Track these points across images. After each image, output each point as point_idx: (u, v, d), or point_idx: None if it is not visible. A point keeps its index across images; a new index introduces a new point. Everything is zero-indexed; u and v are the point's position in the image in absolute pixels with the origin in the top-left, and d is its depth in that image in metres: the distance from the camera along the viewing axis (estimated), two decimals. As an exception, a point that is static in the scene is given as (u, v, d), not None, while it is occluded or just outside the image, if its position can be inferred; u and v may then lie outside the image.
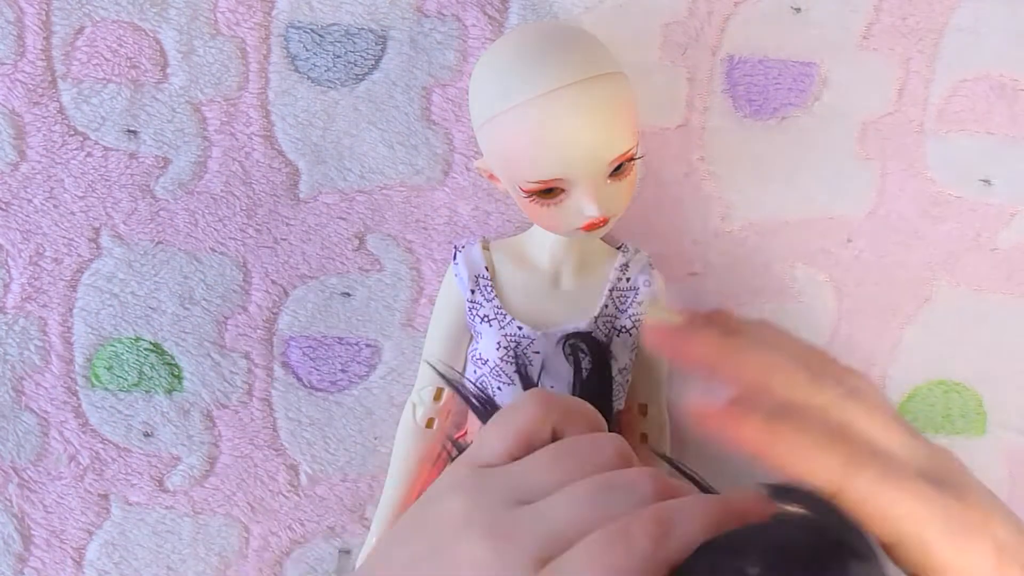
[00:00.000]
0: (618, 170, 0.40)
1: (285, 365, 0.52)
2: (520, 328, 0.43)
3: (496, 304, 0.43)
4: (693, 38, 0.49)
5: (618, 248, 0.45)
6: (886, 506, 0.33)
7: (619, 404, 0.45)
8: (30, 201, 0.49)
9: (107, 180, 0.49)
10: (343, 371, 0.52)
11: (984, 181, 0.51)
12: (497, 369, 0.44)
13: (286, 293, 0.51)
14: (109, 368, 0.51)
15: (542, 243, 0.44)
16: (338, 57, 0.49)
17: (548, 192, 0.40)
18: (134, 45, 0.48)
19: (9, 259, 0.50)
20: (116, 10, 0.48)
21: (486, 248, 0.45)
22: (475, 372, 0.45)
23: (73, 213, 0.50)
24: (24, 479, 0.52)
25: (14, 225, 0.50)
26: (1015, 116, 0.50)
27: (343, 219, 0.50)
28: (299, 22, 0.48)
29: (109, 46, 0.48)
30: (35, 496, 0.52)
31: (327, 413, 0.52)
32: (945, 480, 0.34)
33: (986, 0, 0.49)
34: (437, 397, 0.47)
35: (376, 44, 0.49)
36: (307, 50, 0.49)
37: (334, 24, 0.48)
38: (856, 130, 0.50)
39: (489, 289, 0.44)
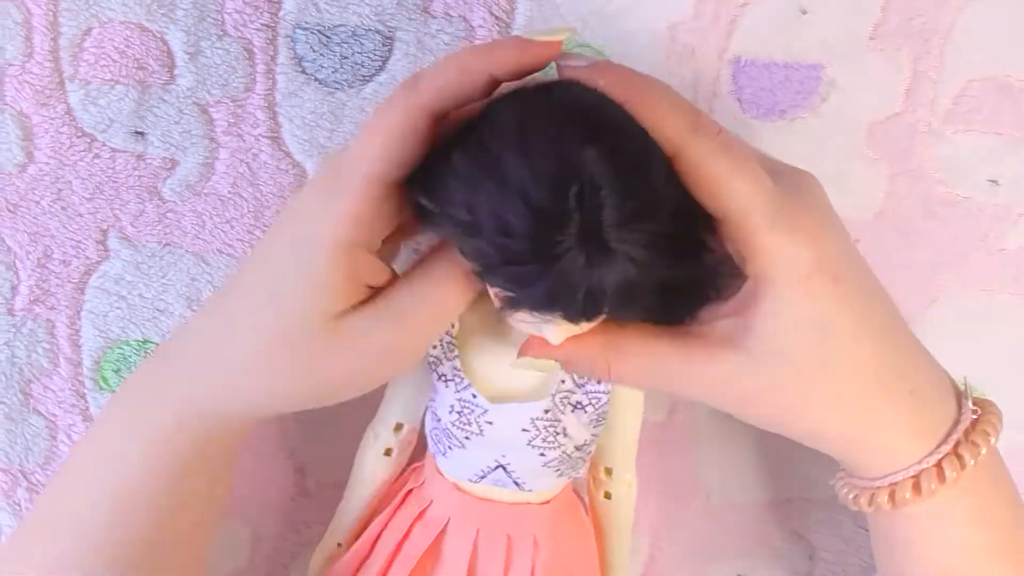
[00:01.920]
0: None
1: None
2: (475, 396, 0.41)
3: (455, 365, 0.42)
4: (700, 40, 0.49)
5: None
6: (719, 177, 0.36)
7: (577, 475, 0.45)
8: (38, 203, 0.49)
9: (115, 182, 0.49)
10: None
11: (992, 182, 0.51)
12: (448, 432, 0.42)
13: (292, 295, 0.51)
14: (117, 371, 0.51)
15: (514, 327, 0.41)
16: (345, 58, 0.49)
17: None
18: (141, 46, 0.48)
19: (17, 261, 0.50)
20: (123, 11, 0.48)
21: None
22: (430, 422, 0.44)
23: (81, 215, 0.50)
24: (33, 483, 0.52)
25: (22, 227, 0.50)
26: (1023, 117, 0.50)
27: (350, 221, 0.50)
28: (306, 23, 0.48)
29: (117, 47, 0.48)
30: (42, 498, 0.52)
31: (335, 416, 0.52)
32: (787, 181, 0.38)
33: (994, 1, 0.49)
34: (397, 429, 0.47)
35: (383, 45, 0.49)
36: (314, 51, 0.49)
37: (341, 25, 0.48)
38: (863, 131, 0.50)
39: (451, 348, 0.42)
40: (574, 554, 0.46)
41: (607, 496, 0.47)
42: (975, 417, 0.41)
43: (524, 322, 0.37)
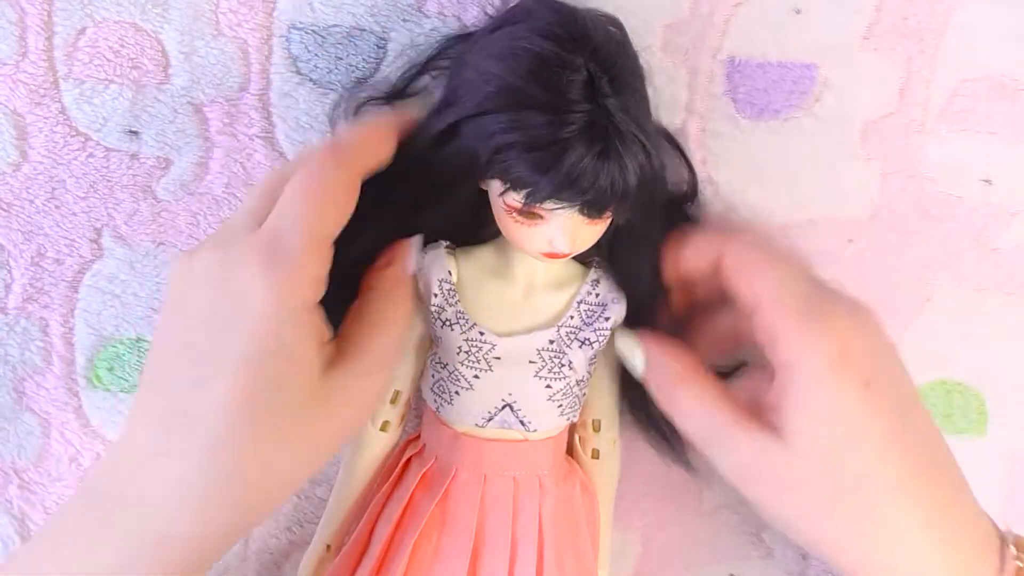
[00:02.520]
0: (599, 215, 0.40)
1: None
2: (482, 333, 0.43)
3: (459, 309, 0.43)
4: (695, 39, 0.49)
5: (589, 265, 0.45)
6: (754, 264, 0.41)
7: (573, 416, 0.46)
8: (32, 202, 0.49)
9: (109, 181, 0.49)
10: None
11: (985, 181, 0.51)
12: (456, 374, 0.44)
13: (287, 295, 0.51)
14: (111, 369, 0.51)
15: (515, 257, 0.44)
16: (339, 59, 0.49)
17: (528, 214, 0.40)
18: (136, 46, 0.48)
19: (10, 260, 0.50)
20: (118, 10, 0.48)
21: (451, 253, 0.44)
22: (433, 376, 0.45)
23: (75, 214, 0.50)
24: (25, 480, 0.52)
25: (15, 226, 0.50)
26: (1016, 116, 0.50)
27: (344, 220, 0.50)
28: (301, 23, 0.48)
29: (111, 47, 0.48)
30: (35, 497, 0.52)
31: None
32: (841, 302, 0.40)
33: (987, 1, 0.49)
34: (393, 400, 0.47)
35: (377, 46, 0.49)
36: (309, 51, 0.49)
37: (335, 25, 0.48)
38: (857, 131, 0.50)
39: (452, 294, 0.43)
40: (574, 500, 0.47)
41: (595, 455, 0.48)
42: (1021, 566, 0.38)
43: (534, 235, 0.40)
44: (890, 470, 0.37)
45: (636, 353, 0.43)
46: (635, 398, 0.47)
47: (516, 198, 0.39)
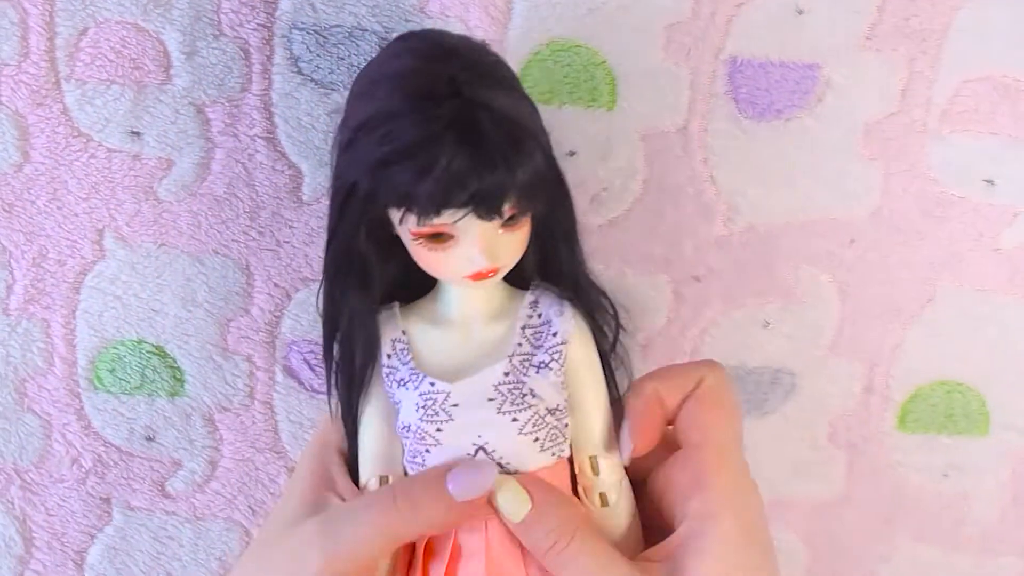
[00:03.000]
0: (511, 220, 0.38)
1: (287, 368, 0.52)
2: (432, 384, 0.41)
3: (411, 366, 0.42)
4: (697, 39, 0.49)
5: (527, 289, 0.43)
6: (714, 407, 0.42)
7: (561, 451, 0.42)
8: (33, 203, 0.49)
9: (110, 182, 0.49)
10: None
11: (987, 181, 0.51)
12: (420, 432, 0.41)
13: (288, 296, 0.51)
14: (112, 371, 0.51)
15: (449, 296, 0.42)
16: (341, 59, 0.49)
17: (436, 237, 0.38)
18: (137, 46, 0.48)
19: (12, 261, 0.50)
20: (120, 11, 0.48)
21: (403, 313, 0.43)
22: (404, 440, 0.43)
23: (76, 215, 0.50)
24: (26, 481, 0.52)
25: (17, 227, 0.50)
26: (1019, 117, 0.50)
27: (346, 221, 0.50)
28: (302, 23, 0.48)
29: (113, 47, 0.48)
30: (37, 499, 0.52)
31: (325, 414, 0.52)
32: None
33: (990, 1, 0.49)
34: (383, 483, 0.46)
35: (379, 46, 0.49)
36: (310, 51, 0.49)
37: (337, 25, 0.48)
38: (859, 131, 0.50)
39: (405, 352, 0.42)
40: None
41: (604, 502, 0.44)
42: None
43: (450, 259, 0.39)
44: None
45: (520, 496, 0.41)
46: None
47: (414, 221, 0.38)
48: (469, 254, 0.39)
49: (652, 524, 0.42)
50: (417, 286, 0.43)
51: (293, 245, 0.50)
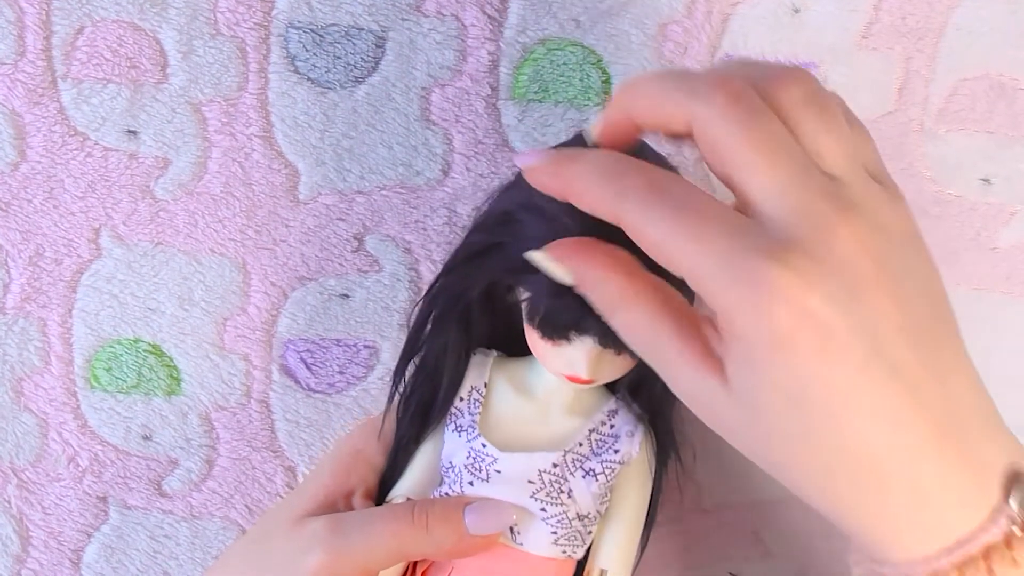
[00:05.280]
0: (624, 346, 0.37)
1: (283, 367, 0.52)
2: (484, 445, 0.41)
3: (474, 418, 0.42)
4: (693, 38, 0.49)
5: (615, 394, 0.43)
6: (660, 243, 0.31)
7: (574, 552, 0.42)
8: (30, 201, 0.49)
9: (107, 181, 0.49)
10: (341, 373, 0.52)
11: (984, 180, 0.51)
12: (460, 474, 0.42)
13: (285, 295, 0.51)
14: (108, 370, 0.51)
15: (542, 375, 0.42)
16: (338, 58, 0.49)
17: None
18: (134, 45, 0.48)
19: (9, 259, 0.50)
20: (116, 10, 0.48)
21: (496, 363, 0.43)
22: (442, 479, 0.43)
23: (73, 214, 0.50)
24: (23, 480, 0.52)
25: (14, 225, 0.50)
26: (1015, 116, 0.50)
27: (342, 220, 0.50)
28: (299, 22, 0.48)
29: (109, 46, 0.48)
30: (34, 497, 0.52)
31: (325, 414, 0.52)
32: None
33: (986, 0, 0.49)
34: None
35: (375, 45, 0.49)
36: (307, 50, 0.49)
37: (334, 24, 0.48)
38: (856, 130, 0.50)
39: (477, 404, 0.42)
40: None
41: None
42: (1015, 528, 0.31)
43: (556, 355, 0.39)
44: (846, 431, 0.31)
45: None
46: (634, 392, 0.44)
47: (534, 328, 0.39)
48: (573, 360, 0.39)
49: None
50: (522, 343, 0.42)
51: (290, 244, 0.50)
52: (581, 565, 0.43)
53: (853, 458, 0.31)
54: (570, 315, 0.37)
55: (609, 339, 0.37)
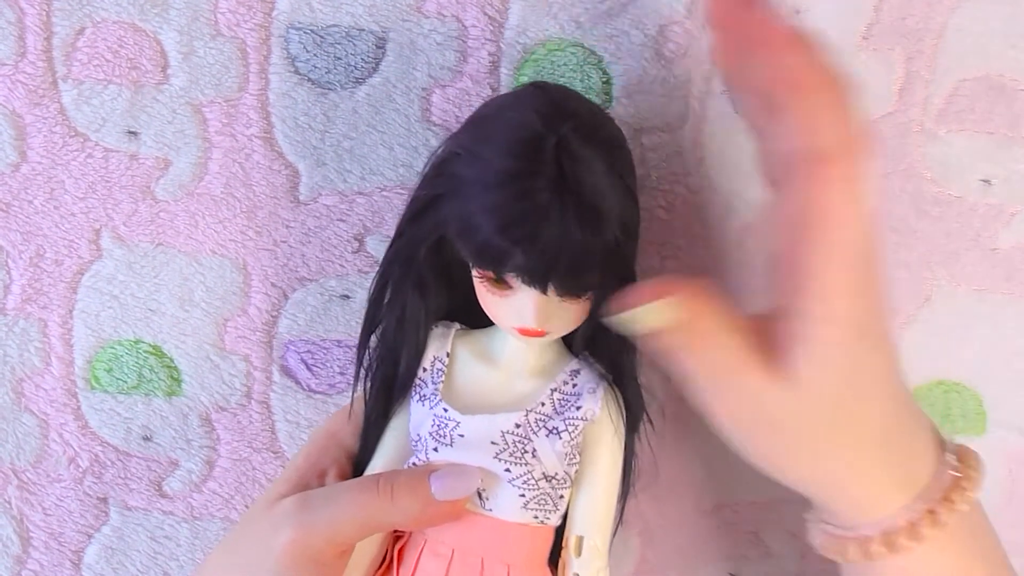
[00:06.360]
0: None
1: (284, 368, 0.52)
2: (446, 410, 0.42)
3: (436, 387, 0.43)
4: (692, 39, 0.49)
5: (577, 356, 0.44)
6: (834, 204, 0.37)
7: (547, 518, 0.42)
8: (31, 202, 0.49)
9: (108, 181, 0.49)
10: (342, 374, 0.52)
11: (984, 181, 0.51)
12: (425, 442, 0.42)
13: (286, 296, 0.51)
14: (109, 370, 0.51)
15: (502, 340, 0.43)
16: (338, 59, 0.49)
17: (497, 281, 0.40)
18: (135, 46, 0.48)
19: (9, 260, 0.50)
20: (117, 11, 0.48)
21: (459, 335, 0.44)
22: (412, 446, 0.44)
23: (74, 214, 0.50)
24: (23, 481, 0.52)
25: (14, 226, 0.50)
26: (1015, 116, 0.50)
27: (342, 221, 0.50)
28: (299, 23, 0.48)
29: (110, 47, 0.48)
30: (34, 498, 0.52)
31: (326, 415, 0.52)
32: None
33: (986, 1, 0.49)
34: None
35: (376, 46, 0.49)
36: (307, 51, 0.49)
37: (334, 25, 0.48)
38: (856, 130, 0.50)
39: (440, 373, 0.43)
40: None
41: None
42: (955, 473, 0.40)
43: (505, 307, 0.40)
44: (870, 413, 0.39)
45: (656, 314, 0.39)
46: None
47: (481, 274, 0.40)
48: (521, 309, 0.40)
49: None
50: (484, 317, 0.43)
51: (290, 245, 0.51)
52: (562, 535, 0.43)
53: (863, 432, 0.39)
54: (503, 240, 0.37)
55: (535, 283, 0.38)
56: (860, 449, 0.39)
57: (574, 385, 0.42)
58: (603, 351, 0.43)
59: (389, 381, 0.44)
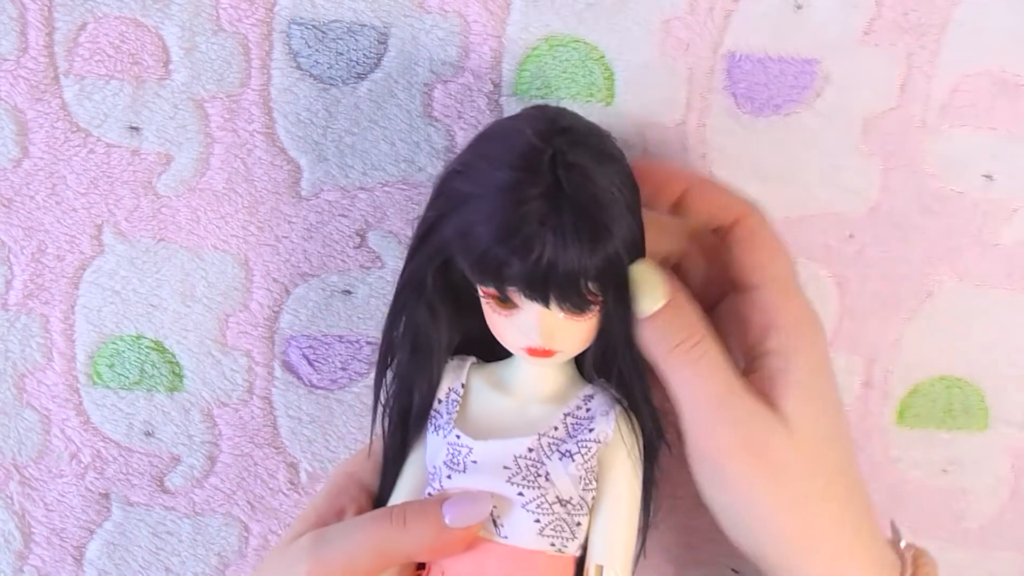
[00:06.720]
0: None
1: (285, 363, 0.52)
2: (459, 437, 0.42)
3: (451, 416, 0.42)
4: (695, 34, 0.49)
5: (592, 382, 0.43)
6: (771, 243, 0.42)
7: (565, 546, 0.41)
8: (32, 198, 0.49)
9: (109, 177, 0.49)
10: (343, 369, 0.52)
11: (986, 177, 0.51)
12: (439, 471, 0.42)
13: (287, 291, 0.51)
14: (111, 366, 0.51)
15: (516, 368, 0.43)
16: (340, 54, 0.49)
17: (502, 300, 0.40)
18: (136, 41, 0.48)
19: (11, 256, 0.50)
20: (118, 6, 0.48)
21: (474, 368, 0.44)
22: (428, 478, 0.43)
23: (75, 210, 0.50)
24: (25, 476, 0.52)
25: (16, 222, 0.50)
26: (1017, 112, 0.50)
27: (344, 216, 0.50)
28: (301, 18, 0.48)
29: (111, 42, 0.48)
30: (36, 494, 0.52)
31: (327, 411, 0.52)
32: None
33: (988, -4, 0.49)
34: None
35: (378, 41, 0.49)
36: (309, 47, 0.49)
37: (336, 20, 0.48)
38: (858, 126, 0.50)
39: (454, 404, 0.43)
40: None
41: None
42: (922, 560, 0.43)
43: (511, 327, 0.40)
44: (841, 458, 0.41)
45: (657, 289, 0.40)
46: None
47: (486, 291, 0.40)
48: (526, 327, 0.40)
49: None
50: (500, 351, 0.43)
51: (292, 240, 0.51)
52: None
53: (856, 483, 0.42)
54: (500, 249, 0.37)
55: (537, 297, 0.38)
56: (848, 502, 0.41)
57: (588, 410, 0.42)
58: (613, 375, 0.43)
59: (405, 414, 0.44)
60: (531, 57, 0.49)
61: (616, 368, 0.42)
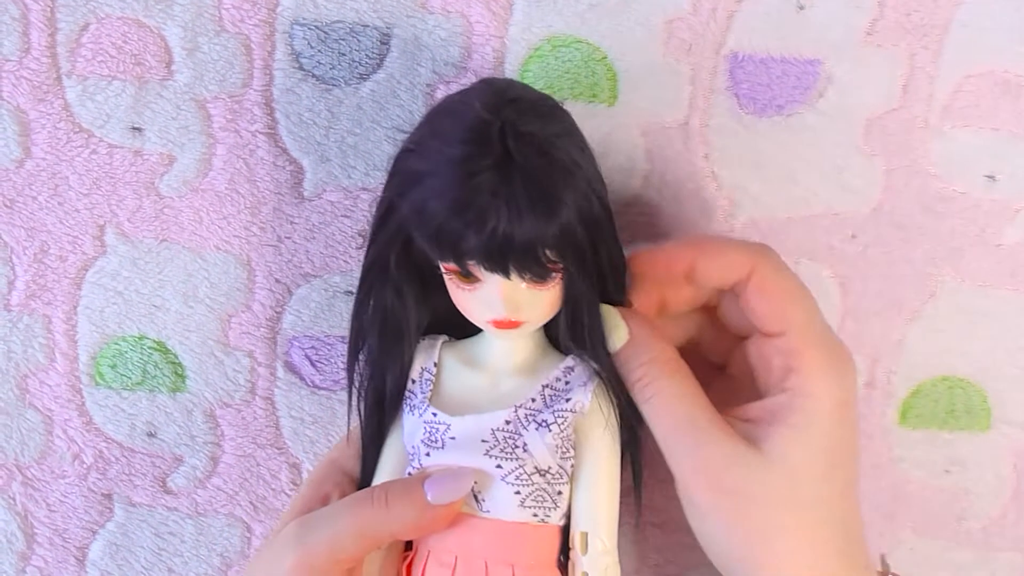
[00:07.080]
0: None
1: (288, 364, 0.52)
2: (435, 414, 0.42)
3: (425, 395, 0.43)
4: (697, 35, 0.49)
5: (569, 355, 0.43)
6: (789, 289, 0.42)
7: (547, 516, 0.41)
8: (35, 198, 0.49)
9: (112, 177, 0.49)
10: (345, 369, 0.52)
11: (989, 177, 0.51)
12: (418, 450, 0.42)
13: (290, 292, 0.51)
14: (113, 366, 0.51)
15: (487, 343, 0.43)
16: (343, 55, 0.49)
17: (464, 274, 0.39)
18: (139, 42, 0.48)
19: (14, 256, 0.50)
20: (121, 6, 0.48)
21: (446, 346, 0.44)
22: (408, 458, 0.44)
23: (78, 210, 0.50)
24: (28, 477, 0.52)
25: (19, 222, 0.50)
26: (1020, 112, 0.50)
27: (346, 217, 0.50)
28: (303, 19, 0.48)
29: (114, 43, 0.48)
30: (39, 494, 0.52)
31: (330, 411, 0.52)
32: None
33: (991, -4, 0.49)
34: None
35: (380, 42, 0.49)
36: (312, 47, 0.49)
37: (338, 21, 0.48)
38: (860, 126, 0.50)
39: (428, 383, 0.43)
40: None
41: None
42: None
43: (475, 302, 0.41)
44: (844, 505, 0.41)
45: (618, 329, 0.42)
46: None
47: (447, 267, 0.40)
48: (490, 300, 0.40)
49: (740, 387, 0.45)
50: (470, 328, 0.43)
51: (294, 241, 0.51)
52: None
53: (831, 513, 0.41)
54: (456, 222, 0.37)
55: (494, 265, 0.38)
56: (833, 538, 0.41)
57: (567, 382, 0.42)
58: (587, 344, 0.43)
59: (380, 397, 0.44)
60: (533, 58, 0.49)
61: (586, 335, 0.42)
